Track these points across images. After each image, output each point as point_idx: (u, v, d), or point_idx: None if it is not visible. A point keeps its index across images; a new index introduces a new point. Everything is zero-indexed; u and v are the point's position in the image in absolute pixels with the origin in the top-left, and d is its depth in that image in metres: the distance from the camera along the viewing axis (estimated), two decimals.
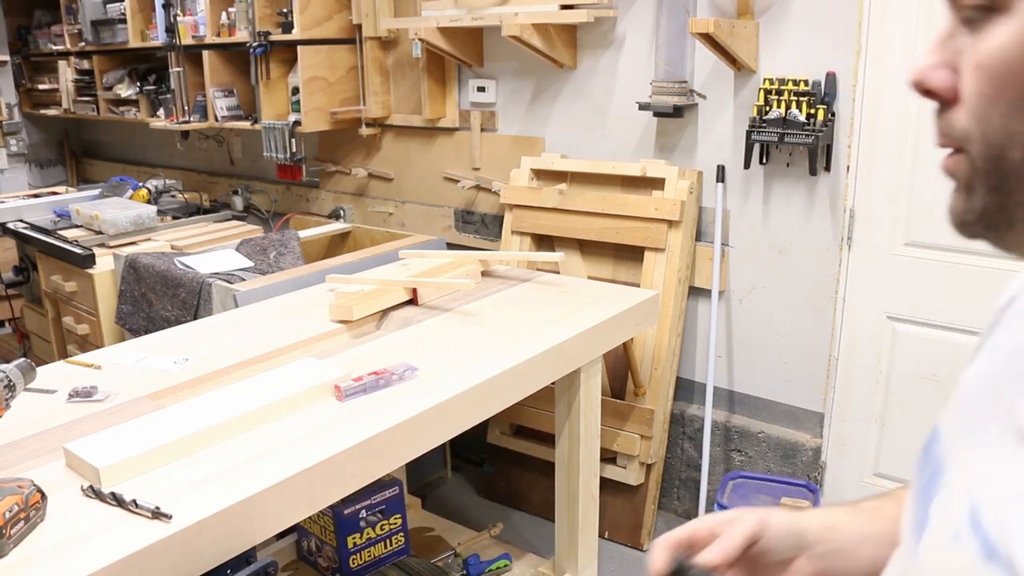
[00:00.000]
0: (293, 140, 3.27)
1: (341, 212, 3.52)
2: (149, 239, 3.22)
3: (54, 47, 4.55)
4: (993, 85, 0.48)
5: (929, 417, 2.07)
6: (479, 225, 3.10)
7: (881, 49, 2.18)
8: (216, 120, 3.53)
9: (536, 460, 2.80)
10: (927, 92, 0.53)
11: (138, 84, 4.06)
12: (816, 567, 0.76)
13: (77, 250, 3.00)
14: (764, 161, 2.39)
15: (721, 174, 2.49)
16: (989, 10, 0.48)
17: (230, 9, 3.35)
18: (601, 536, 2.49)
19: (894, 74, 2.17)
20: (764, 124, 2.27)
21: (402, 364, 1.71)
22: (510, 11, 2.58)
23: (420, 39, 2.81)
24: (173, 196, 3.95)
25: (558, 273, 2.54)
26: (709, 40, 2.23)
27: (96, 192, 3.94)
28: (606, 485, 2.47)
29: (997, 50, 0.47)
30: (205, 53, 3.45)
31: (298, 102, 3.20)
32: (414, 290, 2.19)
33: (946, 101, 0.52)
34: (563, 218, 2.71)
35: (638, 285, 2.54)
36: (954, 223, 0.55)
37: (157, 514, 1.18)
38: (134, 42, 3.88)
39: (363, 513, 2.35)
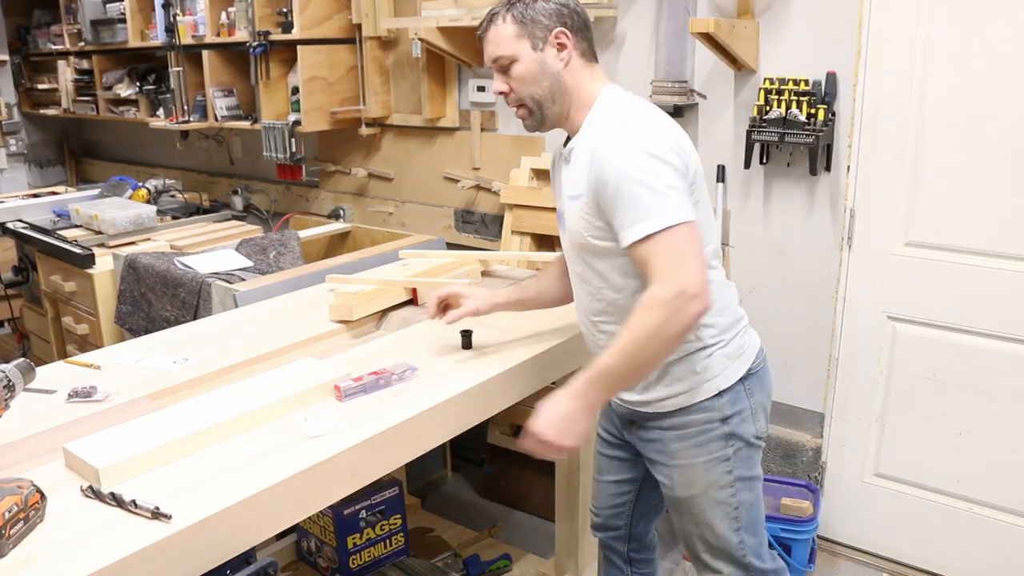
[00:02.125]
0: (293, 140, 3.27)
1: (341, 212, 3.52)
2: (149, 239, 3.22)
3: (54, 47, 4.55)
4: (522, 81, 1.53)
5: (929, 417, 2.08)
6: (479, 225, 3.10)
7: (881, 49, 2.18)
8: (216, 120, 3.53)
9: (536, 460, 2.80)
10: (501, 93, 1.57)
11: (138, 84, 4.06)
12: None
13: (76, 250, 3.00)
14: (764, 161, 2.39)
15: (721, 174, 2.49)
16: (511, 63, 1.52)
17: (230, 9, 3.35)
18: None
19: (894, 74, 2.17)
20: (764, 124, 2.27)
21: (402, 364, 1.71)
22: None
23: (420, 39, 2.81)
24: (173, 196, 3.95)
25: None
26: (709, 40, 2.23)
27: (96, 192, 3.93)
28: None
29: (520, 72, 1.52)
30: (205, 53, 3.45)
31: (298, 102, 3.20)
32: (414, 290, 2.19)
33: (507, 93, 1.55)
34: None
35: None
36: (528, 128, 1.59)
37: (157, 514, 1.18)
38: (134, 42, 3.88)
39: (363, 513, 2.35)
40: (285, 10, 3.15)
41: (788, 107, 2.24)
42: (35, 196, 4.06)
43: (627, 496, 1.86)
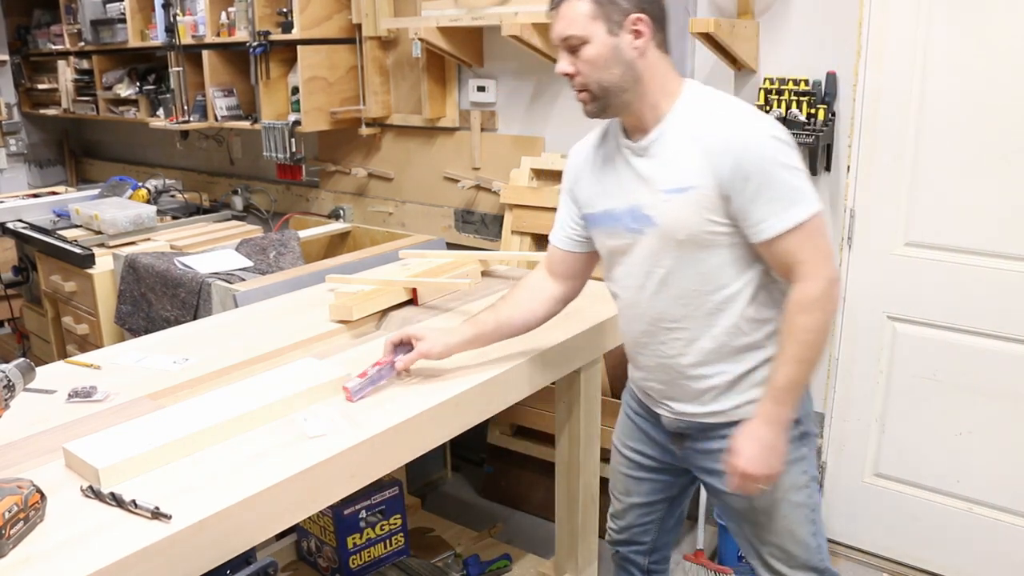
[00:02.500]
0: (293, 140, 3.27)
1: (341, 212, 3.52)
2: (149, 239, 3.22)
3: (54, 47, 4.54)
4: (592, 65, 1.41)
5: (929, 417, 2.07)
6: (479, 225, 3.10)
7: (881, 49, 2.18)
8: (216, 120, 3.53)
9: (536, 460, 2.80)
10: (566, 74, 1.44)
11: (138, 84, 4.05)
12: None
13: (76, 250, 3.00)
14: None
15: None
16: (582, 44, 1.40)
17: (230, 9, 3.35)
18: (601, 536, 2.48)
19: (894, 74, 2.17)
20: None
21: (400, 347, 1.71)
22: (510, 11, 2.58)
23: (420, 39, 2.81)
24: (173, 196, 3.95)
25: None
26: (709, 40, 2.23)
27: (96, 192, 3.93)
28: (606, 485, 2.46)
29: (591, 55, 1.40)
30: (205, 53, 3.45)
31: (298, 102, 3.20)
32: (414, 290, 2.19)
33: (572, 76, 1.43)
34: None
35: None
36: (588, 114, 1.48)
37: (157, 514, 1.18)
38: (134, 42, 3.88)
39: (363, 513, 2.35)
40: (285, 10, 3.15)
41: (788, 107, 2.24)
42: (35, 196, 4.05)
43: (657, 514, 1.82)
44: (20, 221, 3.50)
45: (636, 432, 1.76)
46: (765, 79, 2.31)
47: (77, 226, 3.39)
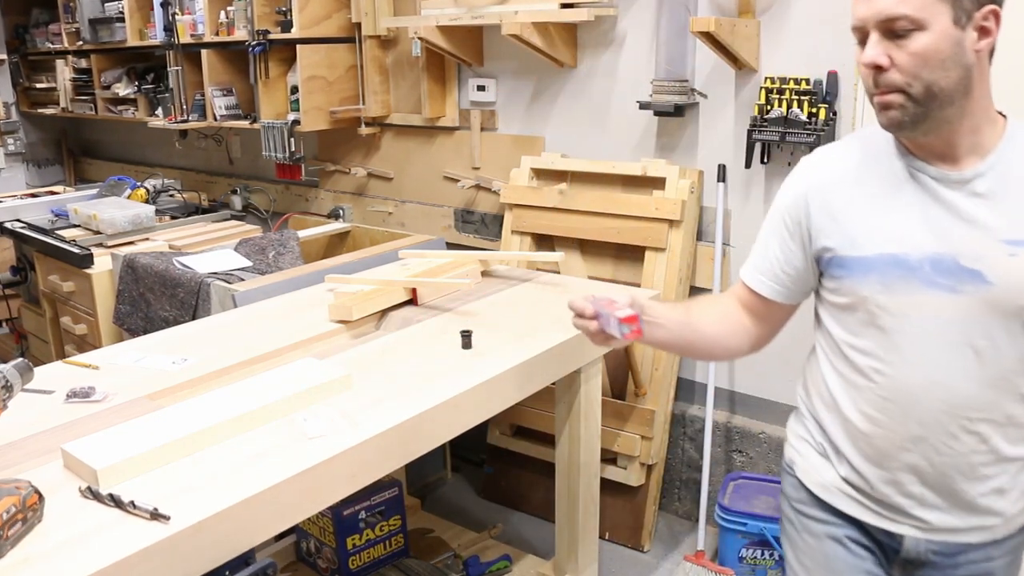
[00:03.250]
0: (292, 139, 3.26)
1: (340, 212, 3.51)
2: (147, 239, 3.21)
3: (52, 46, 4.54)
4: (922, 60, 1.08)
5: None
6: (479, 225, 3.10)
7: None
8: (215, 119, 3.52)
9: (536, 460, 2.79)
10: (876, 67, 1.11)
11: (136, 83, 4.05)
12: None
13: (75, 250, 2.99)
14: (765, 160, 2.39)
15: (722, 173, 2.48)
16: (914, 29, 1.07)
17: (229, 8, 3.34)
18: (601, 537, 2.48)
19: None
20: (765, 123, 2.27)
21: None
22: (510, 10, 2.58)
23: (420, 38, 2.80)
24: (171, 196, 3.94)
25: (558, 273, 2.54)
26: (710, 39, 2.23)
27: (94, 192, 3.93)
28: (606, 486, 2.46)
29: (923, 46, 1.08)
30: (204, 52, 3.44)
31: (297, 101, 3.19)
32: (414, 290, 2.18)
33: (884, 69, 1.10)
34: (563, 218, 2.70)
35: (639, 285, 2.54)
36: (891, 124, 1.14)
37: (155, 515, 1.18)
38: (132, 41, 3.87)
39: (362, 514, 2.34)
40: (284, 9, 3.14)
41: (789, 106, 2.23)
42: (33, 196, 4.05)
43: None
44: (18, 221, 3.49)
45: (840, 562, 1.31)
46: (766, 78, 2.31)
47: (75, 226, 3.38)
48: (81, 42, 4.20)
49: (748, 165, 2.35)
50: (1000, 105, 1.21)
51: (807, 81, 2.25)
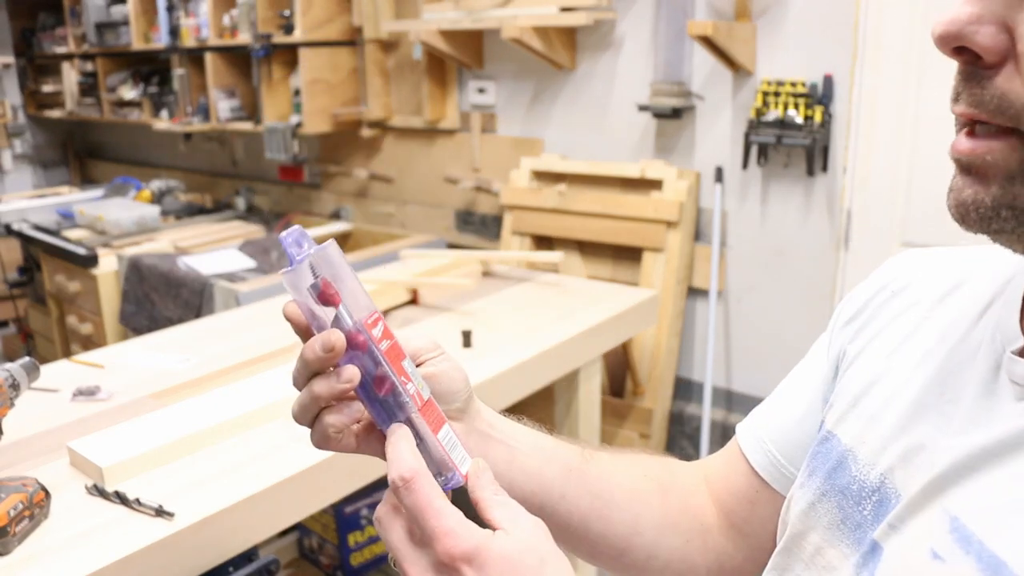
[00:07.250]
0: (295, 141, 3.29)
1: (342, 213, 3.54)
2: (152, 239, 3.24)
3: (58, 49, 4.57)
4: None
5: None
6: (479, 226, 3.12)
7: (877, 51, 2.19)
8: (218, 121, 3.55)
9: None
10: (961, 50, 0.43)
11: (141, 86, 4.08)
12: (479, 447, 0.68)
13: (81, 250, 3.02)
14: (762, 162, 2.41)
15: (719, 175, 2.50)
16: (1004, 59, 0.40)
17: (232, 12, 3.37)
18: None
19: (890, 76, 2.18)
20: (762, 125, 2.29)
21: None
22: (510, 13, 2.60)
23: (421, 41, 2.83)
24: (176, 197, 3.97)
25: (558, 273, 2.56)
26: (707, 42, 2.25)
27: (100, 193, 3.96)
28: None
29: None
30: (207, 55, 3.47)
31: (300, 104, 3.22)
32: (414, 290, 2.21)
33: (987, 64, 0.43)
34: (562, 219, 2.72)
35: (637, 285, 2.56)
36: (965, 213, 0.46)
37: (160, 512, 1.20)
38: (137, 44, 3.90)
39: (364, 511, 2.36)
40: (287, 13, 3.17)
41: (785, 109, 2.25)
42: (40, 197, 4.08)
43: None
44: (25, 222, 3.52)
45: None
46: (762, 81, 2.33)
47: (81, 227, 3.41)
48: (87, 46, 4.23)
49: (745, 167, 2.37)
50: None
51: (803, 84, 2.27)
